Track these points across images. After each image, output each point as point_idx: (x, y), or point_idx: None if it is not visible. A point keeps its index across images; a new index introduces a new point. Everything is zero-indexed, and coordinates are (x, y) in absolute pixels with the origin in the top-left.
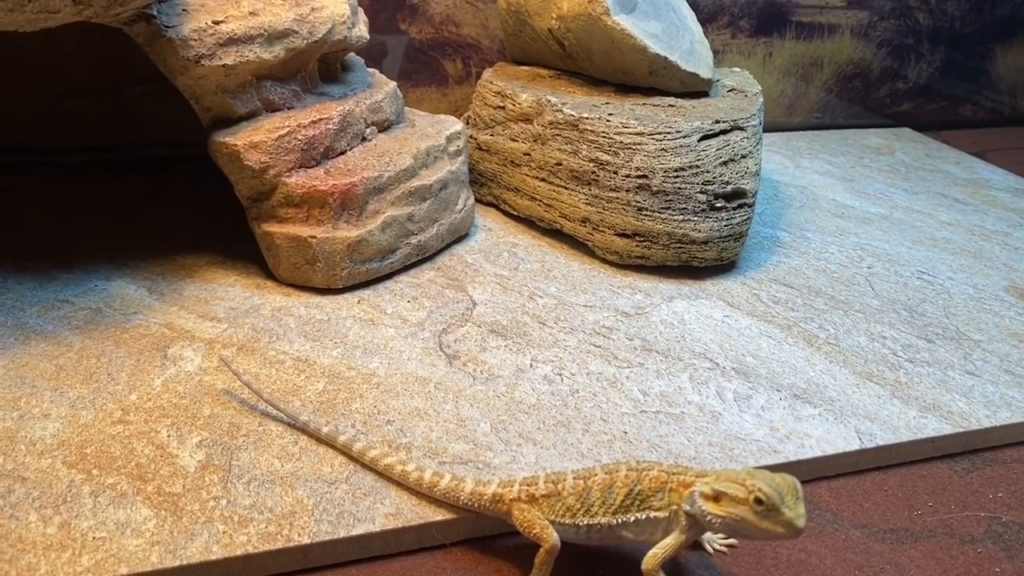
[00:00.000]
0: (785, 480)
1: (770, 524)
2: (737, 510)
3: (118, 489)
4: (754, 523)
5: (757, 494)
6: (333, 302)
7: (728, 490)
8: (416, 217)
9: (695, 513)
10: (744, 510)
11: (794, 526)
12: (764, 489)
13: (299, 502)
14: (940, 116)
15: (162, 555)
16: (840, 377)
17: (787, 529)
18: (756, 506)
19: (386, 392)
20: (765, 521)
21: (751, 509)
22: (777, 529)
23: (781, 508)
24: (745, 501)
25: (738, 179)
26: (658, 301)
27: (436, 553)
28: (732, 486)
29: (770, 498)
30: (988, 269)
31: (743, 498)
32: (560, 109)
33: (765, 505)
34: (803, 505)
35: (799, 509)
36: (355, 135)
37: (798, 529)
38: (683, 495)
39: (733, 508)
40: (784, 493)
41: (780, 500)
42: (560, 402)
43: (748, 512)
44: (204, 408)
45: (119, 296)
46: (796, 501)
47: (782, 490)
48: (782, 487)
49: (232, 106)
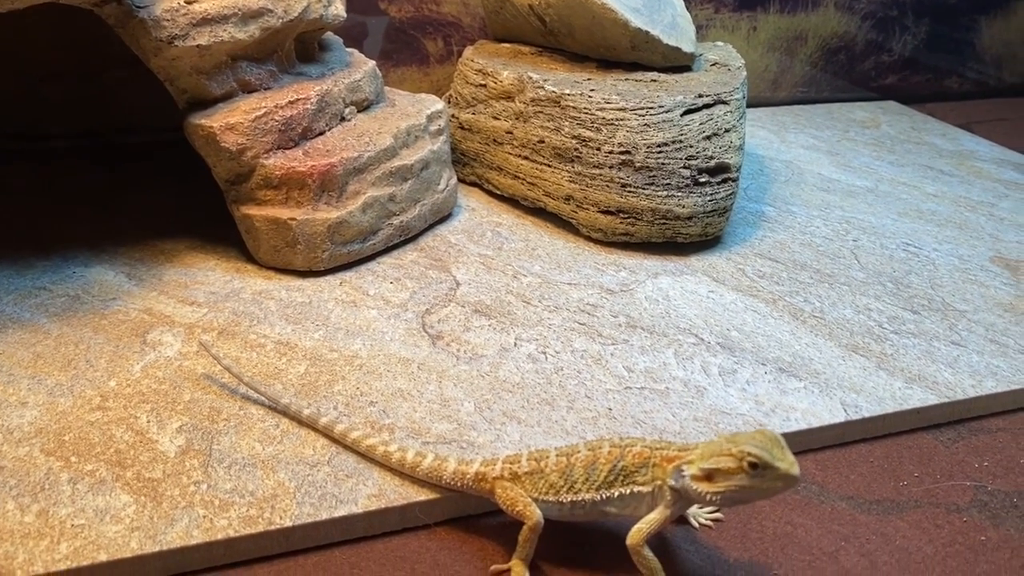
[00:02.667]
0: (765, 435)
1: (769, 482)
2: (733, 481)
3: (97, 476)
4: (754, 487)
5: (749, 459)
6: (314, 285)
7: (718, 465)
8: (397, 197)
9: (680, 488)
10: (740, 479)
11: (791, 475)
12: (753, 452)
13: (281, 485)
14: (925, 88)
15: (142, 541)
16: (825, 350)
17: (785, 481)
18: (751, 471)
19: (369, 374)
20: (764, 482)
21: (747, 476)
22: (777, 484)
23: (774, 464)
24: (739, 470)
25: (722, 153)
26: (643, 278)
27: (420, 533)
28: (721, 460)
29: (762, 459)
30: (973, 240)
31: (735, 468)
32: (542, 86)
33: (759, 467)
34: (789, 451)
35: (789, 457)
36: (334, 115)
37: (795, 477)
38: (667, 470)
39: (729, 481)
40: (771, 448)
41: (771, 457)
42: (544, 380)
43: (744, 480)
44: (184, 393)
45: (97, 282)
46: (783, 451)
47: (768, 446)
48: (766, 443)
49: (207, 88)
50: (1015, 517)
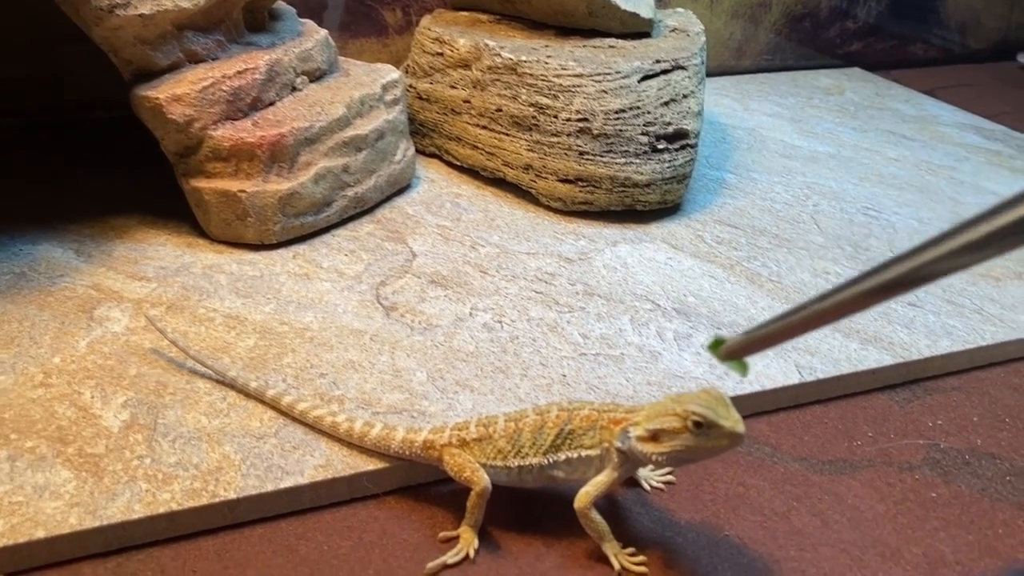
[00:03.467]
0: (710, 394)
1: (714, 441)
2: (679, 441)
3: (37, 452)
4: (699, 446)
5: (693, 418)
6: (267, 258)
7: (663, 426)
8: (352, 168)
9: (627, 450)
10: (685, 438)
11: (736, 433)
12: (698, 411)
13: (226, 458)
14: (890, 55)
15: (81, 516)
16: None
17: (730, 439)
18: (696, 430)
19: (320, 346)
20: (709, 440)
21: (692, 435)
22: (722, 443)
23: (719, 422)
24: (684, 429)
25: (680, 119)
26: (601, 246)
27: (369, 503)
28: (666, 420)
29: (706, 417)
30: (933, 203)
31: (680, 428)
32: (498, 53)
33: (704, 426)
34: (735, 410)
35: (734, 415)
36: (284, 85)
37: (740, 434)
38: (614, 432)
39: (675, 441)
40: (715, 407)
41: (715, 415)
42: (499, 349)
43: (690, 439)
44: (130, 368)
45: (45, 259)
46: (728, 409)
47: (712, 405)
48: (711, 402)
49: (153, 58)
50: (966, 474)
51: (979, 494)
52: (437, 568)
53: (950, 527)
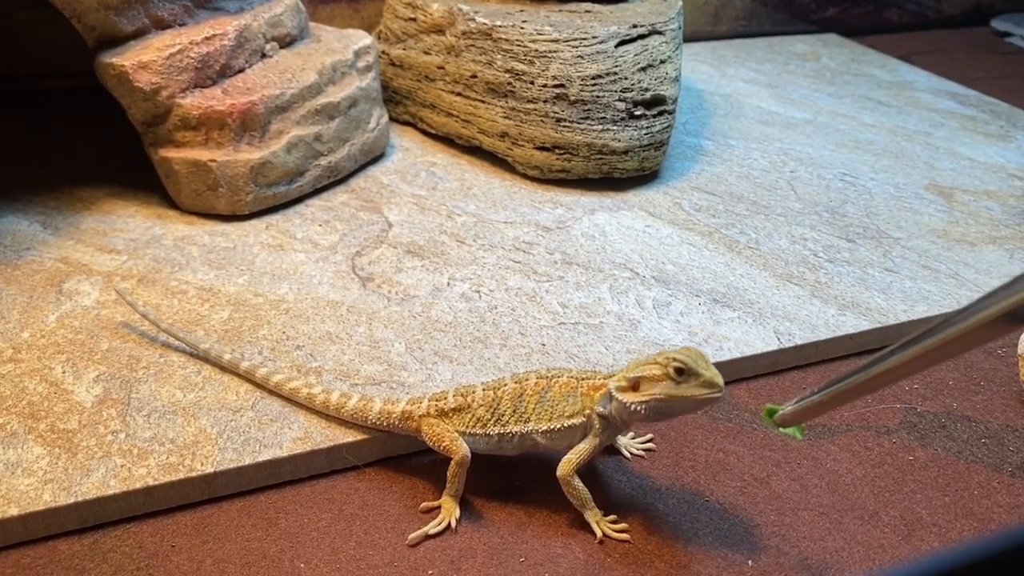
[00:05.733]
0: (690, 350)
1: (694, 389)
2: (658, 388)
3: (8, 429)
4: (679, 394)
5: (674, 364)
6: (239, 229)
7: (644, 373)
8: (324, 137)
9: (608, 414)
10: (665, 385)
11: (715, 383)
12: (678, 357)
13: (202, 431)
14: (866, 21)
15: (55, 493)
16: (760, 280)
17: (711, 388)
18: (677, 376)
19: (295, 318)
20: (688, 388)
21: (672, 382)
22: (702, 391)
23: (699, 371)
24: (664, 376)
25: (657, 85)
26: (579, 214)
27: (348, 475)
28: (646, 368)
29: (687, 363)
30: (909, 168)
31: (660, 375)
32: (472, 18)
33: (685, 372)
34: (713, 367)
35: (712, 369)
36: (254, 52)
37: (719, 385)
38: (594, 398)
39: (654, 388)
40: (695, 358)
41: (695, 364)
42: (478, 319)
43: (670, 386)
44: (102, 342)
45: (10, 232)
46: (708, 363)
47: (693, 355)
48: (691, 354)
49: (117, 24)
50: (942, 437)
51: (955, 457)
52: (419, 539)
53: (927, 489)
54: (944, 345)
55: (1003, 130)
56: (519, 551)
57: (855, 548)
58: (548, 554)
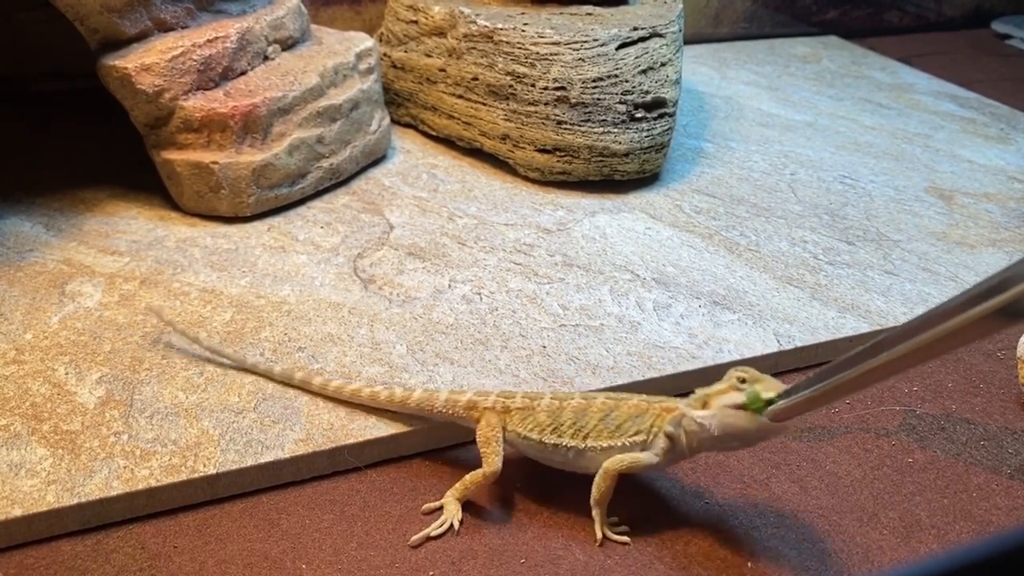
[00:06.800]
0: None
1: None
2: (725, 399)
3: (11, 430)
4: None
5: (737, 374)
6: (241, 231)
7: (712, 390)
8: (326, 139)
9: (676, 435)
10: (731, 396)
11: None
12: (739, 369)
13: (204, 433)
14: (866, 23)
15: (59, 494)
16: (760, 282)
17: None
18: (739, 384)
19: (297, 319)
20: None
21: (737, 392)
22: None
23: (760, 377)
24: (730, 388)
25: (658, 88)
26: (580, 216)
27: (350, 476)
28: (715, 387)
29: (750, 372)
30: (909, 171)
31: (727, 388)
32: (474, 20)
33: (747, 381)
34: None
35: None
36: (256, 54)
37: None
38: (665, 419)
39: (722, 399)
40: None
41: (756, 373)
42: (479, 321)
43: (736, 396)
44: (104, 344)
45: (13, 234)
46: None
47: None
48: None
49: (120, 27)
50: (941, 439)
51: (954, 459)
52: (421, 540)
53: (926, 491)
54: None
55: (1003, 132)
56: (520, 552)
57: (854, 550)
58: (548, 556)
